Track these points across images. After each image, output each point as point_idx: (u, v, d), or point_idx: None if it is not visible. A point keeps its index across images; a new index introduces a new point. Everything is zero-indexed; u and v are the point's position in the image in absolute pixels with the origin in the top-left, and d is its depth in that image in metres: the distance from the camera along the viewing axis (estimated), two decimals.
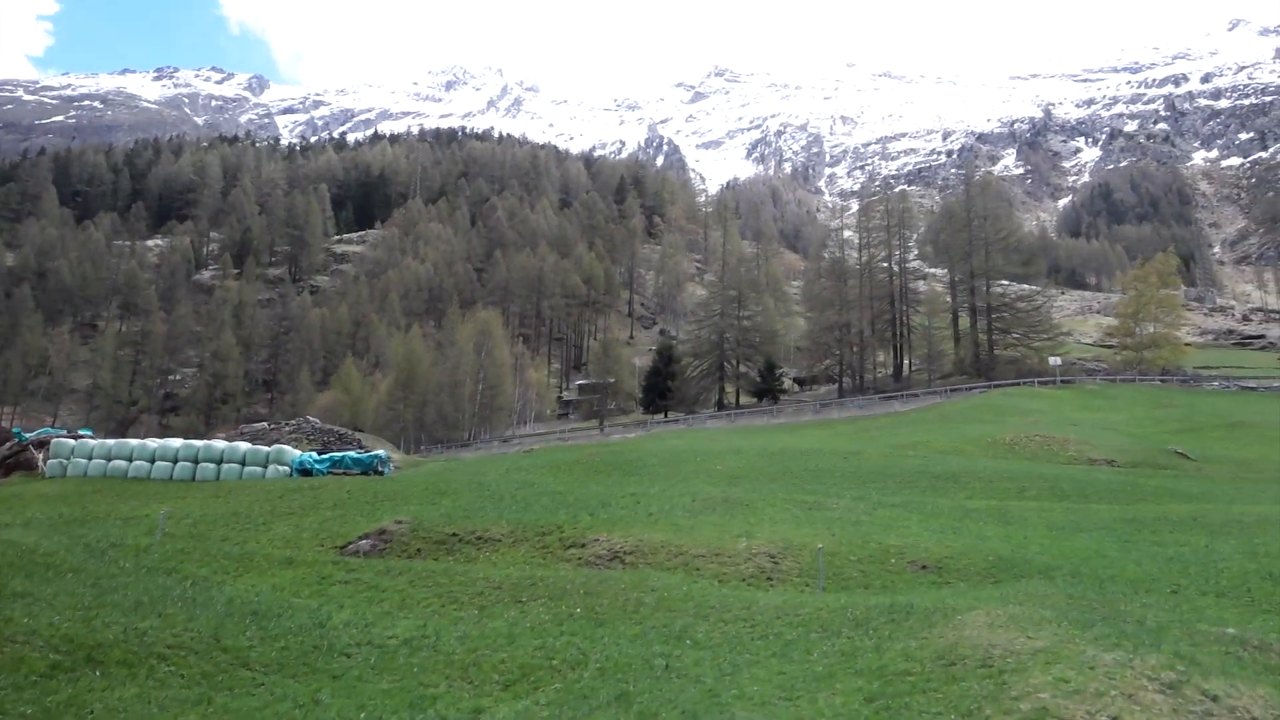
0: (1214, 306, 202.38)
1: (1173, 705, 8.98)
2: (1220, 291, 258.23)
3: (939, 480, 33.22)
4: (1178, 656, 10.50)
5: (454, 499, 25.29)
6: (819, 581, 15.98)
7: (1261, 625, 14.17)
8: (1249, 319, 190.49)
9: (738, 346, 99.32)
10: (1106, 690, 8.85)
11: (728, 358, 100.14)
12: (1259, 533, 23.53)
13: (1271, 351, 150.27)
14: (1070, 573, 17.27)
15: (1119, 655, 9.91)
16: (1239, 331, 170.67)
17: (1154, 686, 9.26)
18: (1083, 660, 9.62)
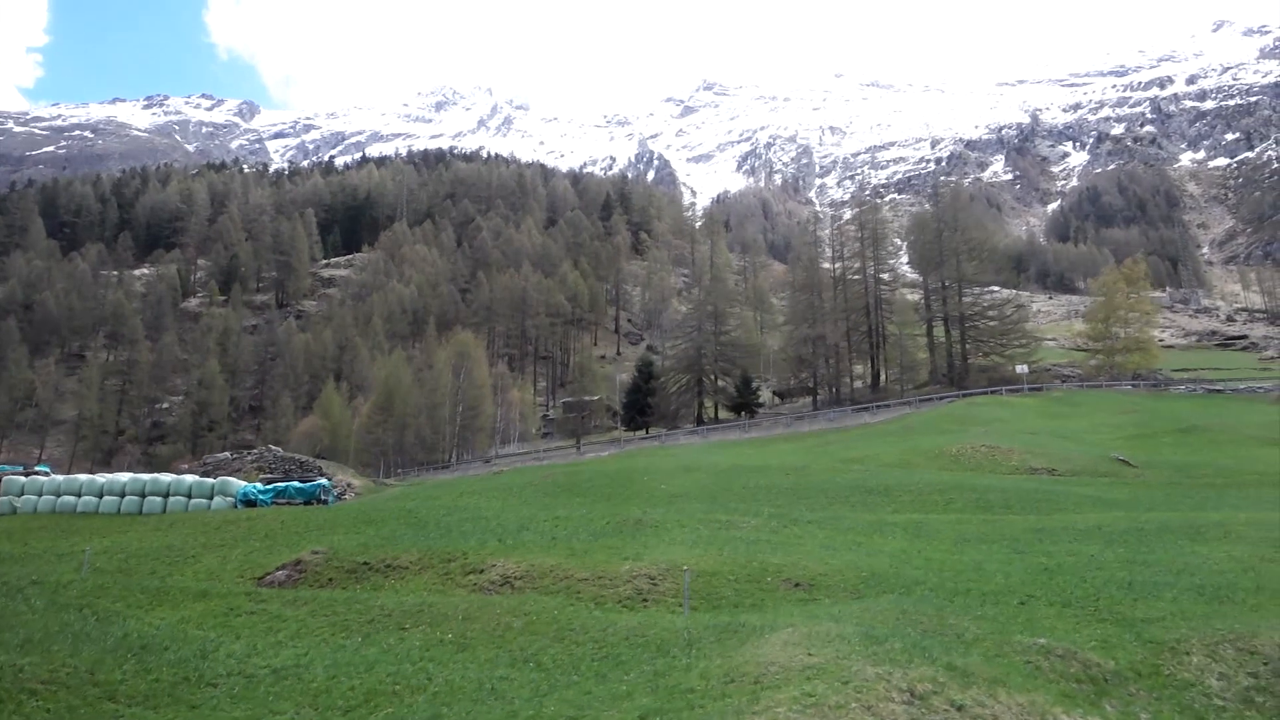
0: (1199, 308, 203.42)
1: (911, 715, 9.80)
2: (1208, 292, 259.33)
3: (870, 495, 34.02)
4: (951, 669, 11.32)
5: (379, 527, 26.07)
6: (685, 602, 16.76)
7: (1086, 634, 14.96)
8: (1233, 319, 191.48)
9: (715, 362, 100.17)
10: (847, 704, 9.65)
11: (706, 373, 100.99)
12: (1153, 541, 24.35)
13: (1253, 352, 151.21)
14: (933, 587, 18.06)
15: (884, 669, 10.72)
16: (1222, 332, 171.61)
17: (901, 698, 10.07)
18: (844, 675, 10.42)
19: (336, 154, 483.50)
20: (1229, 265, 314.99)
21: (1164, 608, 16.88)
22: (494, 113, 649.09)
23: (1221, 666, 14.36)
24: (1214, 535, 24.60)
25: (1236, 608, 16.93)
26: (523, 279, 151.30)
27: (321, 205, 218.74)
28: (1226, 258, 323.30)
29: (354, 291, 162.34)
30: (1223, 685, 13.91)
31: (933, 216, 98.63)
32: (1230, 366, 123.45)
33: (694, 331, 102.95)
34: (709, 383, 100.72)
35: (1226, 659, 14.56)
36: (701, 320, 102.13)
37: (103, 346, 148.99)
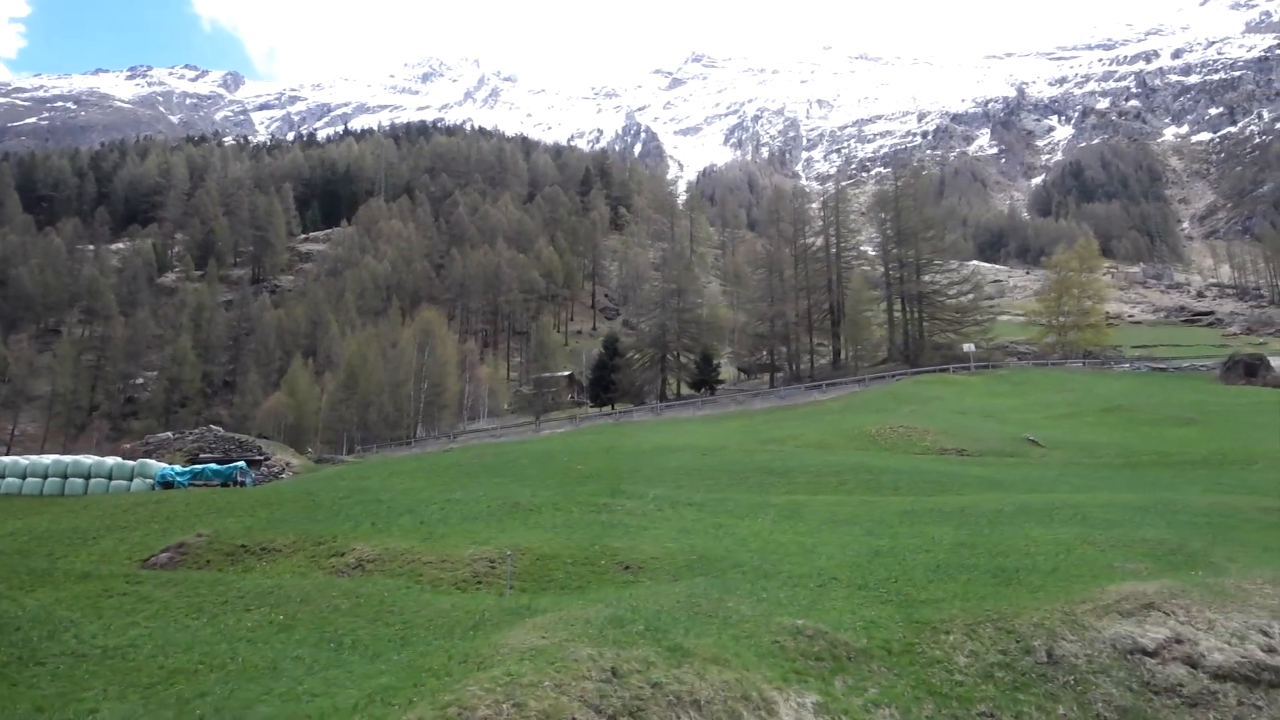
0: (1171, 283, 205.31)
1: (602, 691, 11.04)
2: (1186, 267, 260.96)
3: (771, 476, 35.33)
4: (674, 650, 12.57)
5: (274, 510, 27.25)
6: (507, 585, 18.02)
7: (858, 615, 16.22)
8: (1203, 295, 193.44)
9: (679, 339, 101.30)
10: (540, 682, 10.87)
11: (670, 350, 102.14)
12: (1003, 524, 25.64)
13: (1218, 328, 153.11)
14: (752, 569, 19.33)
15: (600, 650, 11.96)
16: (1190, 308, 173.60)
17: (599, 677, 11.30)
18: (556, 656, 11.66)
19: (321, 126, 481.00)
20: (1209, 240, 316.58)
21: (953, 589, 18.18)
22: (481, 84, 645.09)
23: (975, 644, 15.68)
24: (1062, 518, 25.92)
25: (1019, 589, 18.22)
26: (497, 255, 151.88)
27: (301, 179, 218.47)
28: (1206, 232, 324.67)
29: (329, 267, 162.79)
30: (969, 661, 15.23)
31: (894, 195, 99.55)
32: (1190, 343, 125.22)
33: (658, 309, 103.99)
34: (672, 359, 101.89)
35: (983, 637, 15.88)
36: (666, 297, 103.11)
37: (78, 322, 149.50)
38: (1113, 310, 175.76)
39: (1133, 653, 15.76)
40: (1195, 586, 18.26)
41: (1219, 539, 22.93)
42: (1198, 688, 15.28)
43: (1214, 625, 16.70)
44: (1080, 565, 20.22)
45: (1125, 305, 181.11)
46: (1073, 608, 16.79)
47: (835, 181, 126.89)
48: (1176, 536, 22.94)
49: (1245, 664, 15.80)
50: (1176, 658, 15.80)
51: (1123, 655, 15.68)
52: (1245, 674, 15.68)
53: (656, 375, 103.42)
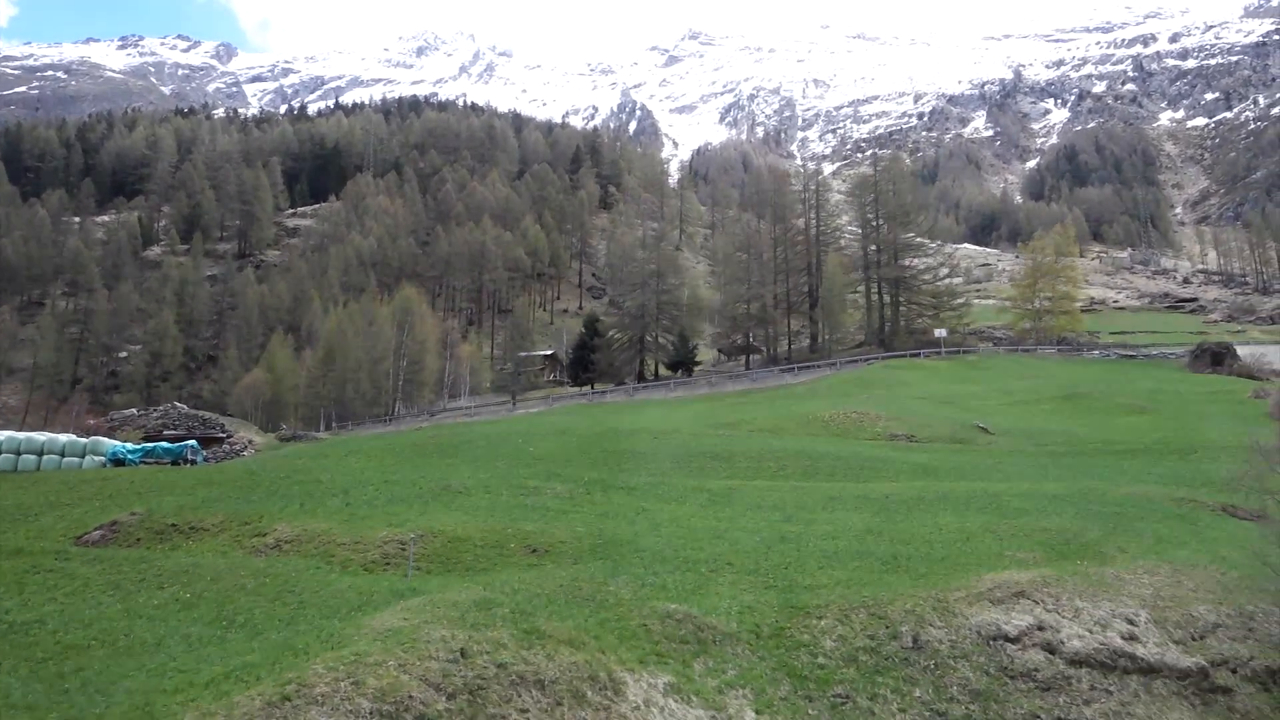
0: (1158, 269, 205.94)
1: (445, 670, 11.71)
2: (1176, 253, 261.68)
3: (714, 460, 36.01)
4: (530, 632, 13.26)
5: (211, 489, 27.86)
6: (410, 567, 18.69)
7: (738, 600, 16.93)
8: (1189, 281, 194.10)
9: (658, 320, 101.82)
10: (385, 662, 11.54)
11: (648, 330, 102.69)
12: (919, 510, 26.35)
13: (1200, 315, 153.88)
14: (653, 553, 19.98)
15: (454, 632, 12.64)
16: (1175, 294, 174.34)
17: (446, 657, 11.98)
18: (409, 637, 12.32)
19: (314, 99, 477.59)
20: (1201, 226, 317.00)
21: (840, 576, 18.90)
22: (476, 59, 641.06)
23: (845, 629, 16.42)
24: (977, 506, 26.64)
25: (905, 576, 18.95)
26: (481, 233, 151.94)
27: (290, 153, 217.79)
28: (1199, 218, 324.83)
29: (314, 243, 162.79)
30: (835, 645, 15.97)
31: (872, 181, 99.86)
32: (1170, 330, 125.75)
33: (637, 290, 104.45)
34: (651, 341, 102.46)
35: (854, 623, 16.62)
36: (645, 279, 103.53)
37: (62, 295, 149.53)
38: (1098, 295, 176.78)
39: (995, 639, 16.52)
40: (1073, 576, 19.03)
41: (1119, 529, 23.68)
42: (1053, 673, 16.05)
43: (1080, 613, 17.48)
44: (973, 554, 20.96)
45: (1111, 291, 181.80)
46: (946, 595, 17.54)
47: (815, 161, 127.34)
48: (1078, 526, 23.69)
49: (1102, 650, 16.58)
50: (1036, 644, 16.57)
51: (986, 641, 16.44)
52: (1101, 660, 16.46)
53: (635, 356, 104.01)
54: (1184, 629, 17.83)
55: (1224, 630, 17.96)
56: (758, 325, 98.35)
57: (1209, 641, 17.66)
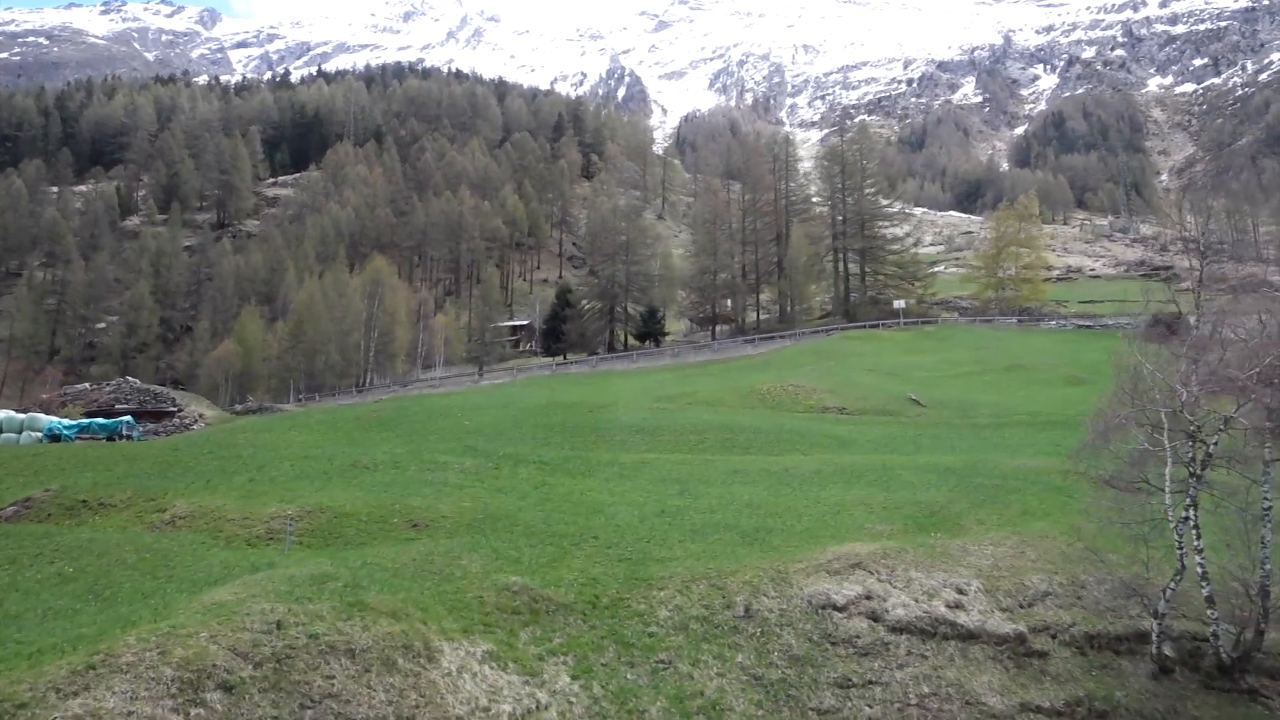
0: (1136, 237, 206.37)
1: (255, 640, 12.67)
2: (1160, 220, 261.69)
3: (638, 434, 36.99)
4: (353, 604, 14.22)
5: (131, 465, 28.77)
6: (287, 542, 19.66)
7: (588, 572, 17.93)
8: (1167, 249, 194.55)
9: (627, 291, 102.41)
10: (197, 633, 12.49)
11: (618, 301, 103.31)
12: (810, 484, 27.41)
13: (1173, 283, 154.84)
14: (526, 527, 20.99)
15: (277, 605, 13.59)
16: (1150, 262, 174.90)
17: (260, 628, 12.95)
18: (231, 610, 13.27)
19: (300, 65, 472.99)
20: (1185, 193, 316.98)
21: (697, 549, 19.94)
22: (463, 24, 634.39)
23: (683, 599, 17.46)
24: (868, 480, 27.72)
25: (758, 549, 19.99)
26: (459, 202, 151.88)
27: (270, 122, 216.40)
28: (1184, 185, 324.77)
29: (292, 213, 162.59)
30: (670, 615, 17.02)
31: (839, 150, 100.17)
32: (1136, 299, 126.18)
33: (608, 261, 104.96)
34: (621, 311, 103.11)
35: (693, 593, 17.67)
36: (615, 250, 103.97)
37: (39, 265, 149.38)
38: (1075, 264, 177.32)
39: (824, 608, 17.62)
40: (919, 548, 20.11)
41: (991, 501, 24.78)
42: (873, 639, 17.16)
43: (912, 583, 18.57)
44: (836, 527, 22.03)
45: (1088, 259, 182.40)
46: (788, 567, 18.59)
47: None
48: (950, 499, 24.78)
49: (924, 618, 17.69)
50: (862, 612, 17.68)
51: (815, 610, 17.52)
52: (922, 627, 17.57)
53: (605, 327, 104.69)
54: (1014, 597, 18.94)
55: (1053, 598, 19.08)
56: (726, 296, 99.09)
57: (1036, 609, 18.77)
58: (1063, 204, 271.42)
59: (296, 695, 12.23)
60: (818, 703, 15.54)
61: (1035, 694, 16.72)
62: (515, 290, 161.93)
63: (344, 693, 12.54)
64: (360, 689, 12.73)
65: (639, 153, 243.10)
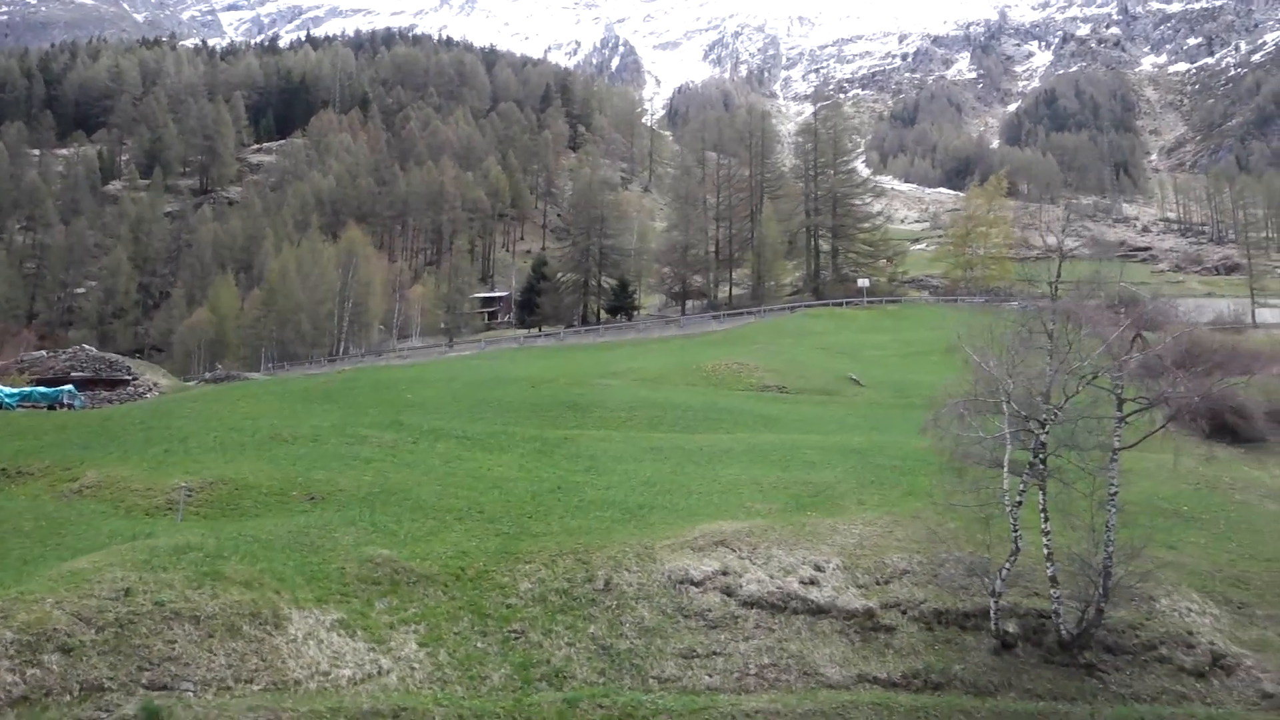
0: (1119, 217, 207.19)
1: (100, 607, 13.53)
2: (1147, 200, 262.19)
3: (570, 410, 37.73)
4: (209, 574, 15.09)
5: (60, 434, 29.54)
6: (179, 512, 20.49)
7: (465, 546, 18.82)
8: (1148, 230, 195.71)
9: (600, 264, 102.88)
10: (42, 599, 13.34)
11: (591, 275, 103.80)
12: (715, 462, 28.26)
13: (1151, 264, 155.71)
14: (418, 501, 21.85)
15: (130, 573, 14.45)
16: (1130, 243, 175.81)
17: (107, 594, 13.81)
18: (86, 577, 14.13)
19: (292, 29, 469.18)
20: (1175, 173, 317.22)
21: (577, 525, 20.84)
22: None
23: (547, 573, 18.38)
24: (772, 459, 28.58)
25: (635, 525, 20.91)
26: (440, 173, 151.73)
27: (256, 87, 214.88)
28: (1174, 165, 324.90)
29: (274, 180, 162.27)
30: (531, 587, 17.94)
31: (813, 128, 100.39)
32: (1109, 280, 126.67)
33: (582, 234, 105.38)
34: (594, 285, 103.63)
35: (558, 567, 18.59)
36: (590, 223, 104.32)
37: (20, 229, 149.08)
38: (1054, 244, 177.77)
39: (682, 582, 18.55)
40: (789, 526, 21.04)
41: (878, 482, 25.74)
42: (724, 613, 18.12)
43: (771, 560, 19.52)
44: (719, 505, 22.93)
45: (1070, 239, 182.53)
46: (654, 543, 19.51)
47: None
48: (839, 479, 25.72)
49: (776, 594, 18.64)
50: (717, 587, 18.63)
51: (673, 584, 18.46)
52: (773, 602, 18.54)
53: (579, 300, 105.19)
54: (871, 575, 19.91)
55: (910, 576, 20.04)
56: (699, 271, 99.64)
57: (891, 586, 19.75)
58: (1050, 183, 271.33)
59: (135, 658, 13.10)
60: (660, 671, 16.47)
61: (875, 666, 17.68)
62: (497, 261, 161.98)
63: (184, 656, 13.42)
64: (201, 653, 13.61)
65: (627, 124, 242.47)
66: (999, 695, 17.70)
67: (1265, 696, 19.37)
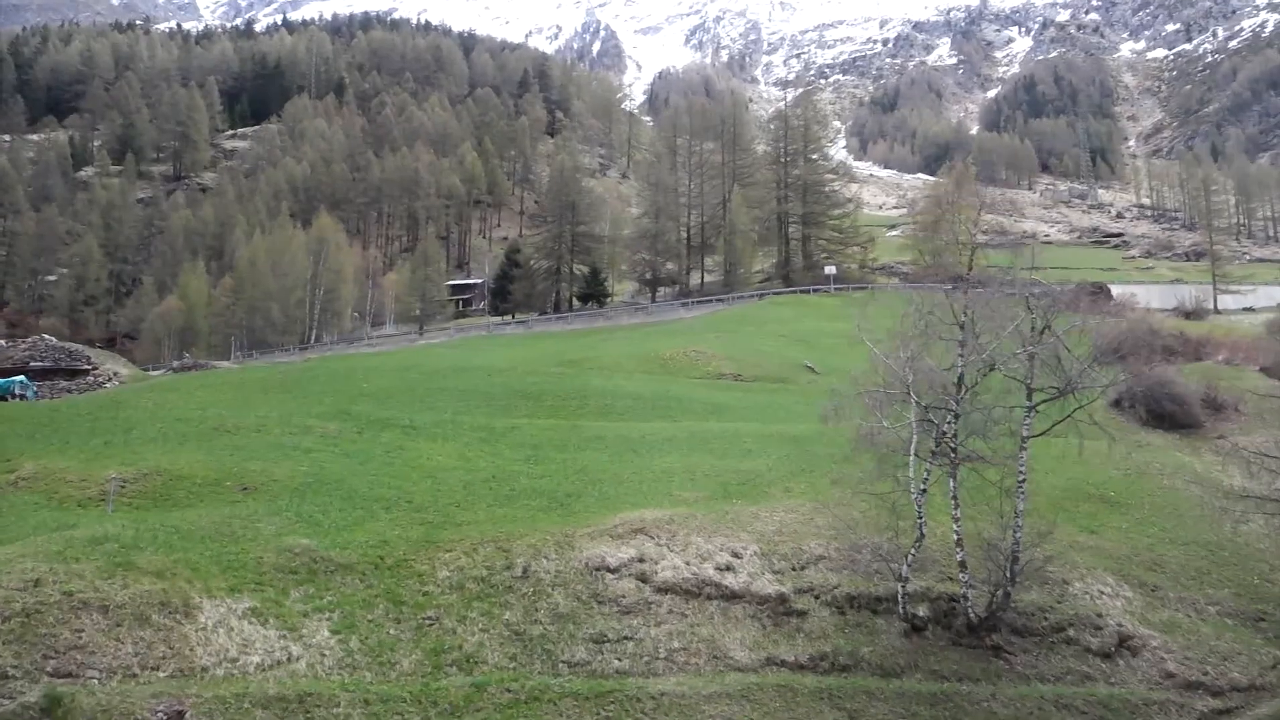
0: (1094, 203, 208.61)
1: (7, 596, 13.88)
2: (1124, 186, 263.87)
3: (521, 399, 37.93)
4: (121, 564, 15.42)
5: (7, 426, 29.61)
6: (109, 503, 20.79)
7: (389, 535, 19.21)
8: (1122, 216, 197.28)
9: (572, 251, 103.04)
10: None
11: (564, 261, 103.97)
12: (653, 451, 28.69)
13: (1123, 250, 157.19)
14: (350, 491, 22.23)
15: (40, 564, 14.80)
16: (1104, 229, 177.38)
17: (16, 584, 14.16)
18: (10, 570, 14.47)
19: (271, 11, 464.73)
20: (1152, 159, 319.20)
21: (502, 513, 21.29)
22: None
23: (466, 561, 18.80)
24: (711, 447, 29.07)
25: (560, 514, 21.38)
26: (415, 159, 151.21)
27: (231, 72, 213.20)
28: (1150, 151, 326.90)
29: (247, 166, 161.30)
30: (449, 575, 18.37)
31: (784, 116, 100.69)
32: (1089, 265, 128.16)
33: (555, 221, 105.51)
34: (566, 271, 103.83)
35: (478, 555, 19.02)
36: (562, 210, 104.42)
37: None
38: (1031, 229, 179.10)
39: (598, 569, 19.03)
40: (711, 513, 21.57)
41: (810, 470, 26.27)
42: (639, 599, 18.61)
43: (690, 547, 20.02)
44: (647, 493, 23.41)
45: (1044, 225, 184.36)
46: (575, 531, 19.97)
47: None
48: (771, 467, 26.26)
49: (690, 580, 19.16)
50: (633, 574, 19.11)
51: (590, 571, 18.94)
52: (686, 588, 19.05)
53: (552, 287, 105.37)
54: (789, 560, 20.46)
55: (826, 562, 20.61)
56: (669, 258, 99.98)
57: (807, 572, 20.31)
58: (1028, 169, 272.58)
59: (40, 646, 13.47)
60: (570, 656, 16.95)
61: (785, 649, 18.23)
62: (474, 248, 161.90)
63: (90, 644, 13.80)
64: (108, 641, 13.99)
65: (606, 110, 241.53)
66: (904, 676, 18.30)
67: (1168, 676, 20.09)
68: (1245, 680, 20.24)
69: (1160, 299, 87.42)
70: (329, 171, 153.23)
